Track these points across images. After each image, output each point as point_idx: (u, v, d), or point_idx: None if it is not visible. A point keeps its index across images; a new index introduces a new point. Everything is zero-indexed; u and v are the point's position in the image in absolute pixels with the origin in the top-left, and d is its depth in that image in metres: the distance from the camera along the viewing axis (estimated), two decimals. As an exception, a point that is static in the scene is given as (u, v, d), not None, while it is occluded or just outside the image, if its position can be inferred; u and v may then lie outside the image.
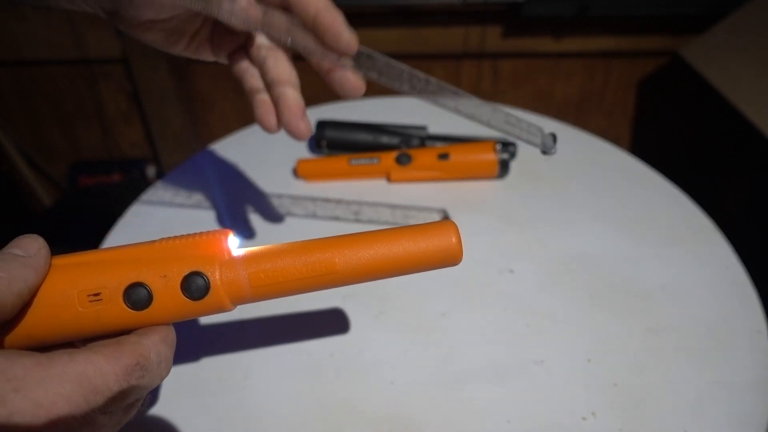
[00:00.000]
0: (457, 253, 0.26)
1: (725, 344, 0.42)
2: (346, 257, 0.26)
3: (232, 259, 0.26)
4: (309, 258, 0.26)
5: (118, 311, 0.25)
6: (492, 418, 0.37)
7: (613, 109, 1.13)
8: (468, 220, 0.52)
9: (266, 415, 0.38)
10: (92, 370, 0.22)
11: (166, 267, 0.25)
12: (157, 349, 0.25)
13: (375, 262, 0.26)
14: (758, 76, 0.81)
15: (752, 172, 0.86)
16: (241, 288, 0.26)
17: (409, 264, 0.26)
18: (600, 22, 0.98)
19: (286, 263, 0.26)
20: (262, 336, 0.43)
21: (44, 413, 0.21)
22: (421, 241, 0.26)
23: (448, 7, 0.94)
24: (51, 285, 0.25)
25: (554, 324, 0.43)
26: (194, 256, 0.26)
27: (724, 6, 0.90)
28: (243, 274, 0.25)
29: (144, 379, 0.24)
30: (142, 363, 0.24)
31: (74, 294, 0.24)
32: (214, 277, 0.25)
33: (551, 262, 0.48)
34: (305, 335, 0.43)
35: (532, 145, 0.34)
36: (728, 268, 0.48)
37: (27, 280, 0.24)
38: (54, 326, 0.25)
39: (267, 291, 0.26)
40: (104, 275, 0.25)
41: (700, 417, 0.37)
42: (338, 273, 0.26)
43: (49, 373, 0.22)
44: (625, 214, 0.53)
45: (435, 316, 0.44)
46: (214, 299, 0.25)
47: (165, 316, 0.26)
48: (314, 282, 0.26)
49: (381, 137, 0.59)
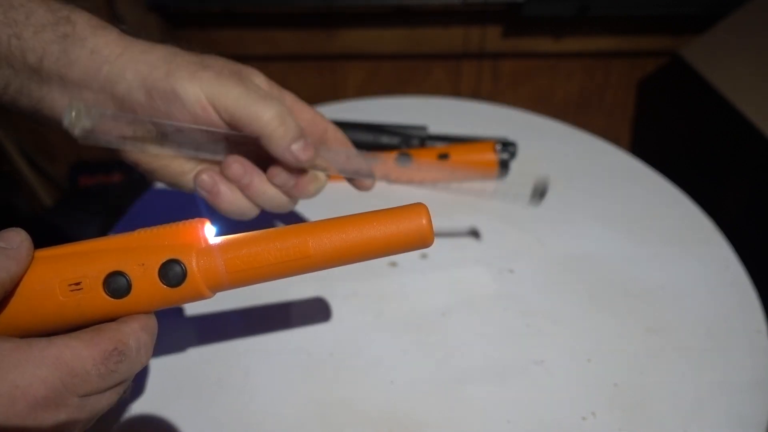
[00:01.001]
0: (427, 235, 0.27)
1: (725, 344, 0.42)
2: (318, 242, 0.26)
3: (209, 247, 0.26)
4: (283, 243, 0.26)
5: (99, 300, 0.25)
6: (492, 418, 0.37)
7: (613, 109, 1.13)
8: (468, 220, 0.52)
9: (266, 415, 0.38)
10: (69, 354, 0.23)
11: (144, 255, 0.26)
12: (137, 336, 0.26)
13: (348, 246, 0.27)
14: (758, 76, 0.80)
15: (752, 172, 0.86)
16: (218, 274, 0.26)
17: (382, 247, 0.27)
18: (600, 22, 0.98)
19: (261, 249, 0.26)
20: (261, 336, 0.43)
21: (20, 394, 0.22)
22: (392, 224, 0.26)
23: (448, 7, 0.94)
24: (33, 275, 0.25)
25: (554, 324, 0.43)
26: (171, 245, 0.26)
27: (724, 6, 0.90)
28: (219, 260, 0.26)
29: (122, 364, 0.25)
30: (120, 348, 0.25)
31: (55, 284, 0.25)
32: (190, 264, 0.26)
33: (551, 262, 0.48)
34: (305, 335, 0.43)
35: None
36: (728, 268, 0.48)
37: (9, 270, 0.24)
38: (36, 316, 0.25)
39: (243, 276, 0.27)
40: (84, 265, 0.25)
41: (700, 417, 0.37)
42: (311, 257, 0.26)
43: (26, 356, 0.22)
44: (625, 214, 0.53)
45: (435, 316, 0.44)
46: (192, 286, 0.26)
47: (144, 304, 0.26)
48: (289, 267, 0.27)
49: (381, 137, 0.59)
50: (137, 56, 0.32)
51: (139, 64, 0.32)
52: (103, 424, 0.37)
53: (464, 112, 0.67)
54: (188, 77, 0.31)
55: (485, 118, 0.66)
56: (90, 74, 0.31)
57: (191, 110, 0.32)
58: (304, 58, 1.02)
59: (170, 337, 0.43)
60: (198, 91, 0.31)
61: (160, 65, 0.32)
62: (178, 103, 0.31)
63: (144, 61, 0.32)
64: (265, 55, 1.00)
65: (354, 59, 1.03)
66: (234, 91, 0.32)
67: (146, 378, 0.40)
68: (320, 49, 1.00)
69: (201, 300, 0.27)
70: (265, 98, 0.32)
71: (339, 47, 1.00)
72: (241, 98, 0.32)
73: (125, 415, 0.38)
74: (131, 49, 0.32)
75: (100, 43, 0.32)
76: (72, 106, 0.30)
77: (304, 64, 1.03)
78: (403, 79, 1.07)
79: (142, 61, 0.32)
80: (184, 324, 0.44)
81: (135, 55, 0.32)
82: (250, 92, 0.32)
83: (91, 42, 0.31)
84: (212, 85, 0.32)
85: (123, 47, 0.32)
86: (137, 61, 0.32)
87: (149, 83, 0.31)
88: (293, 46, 0.99)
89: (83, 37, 0.31)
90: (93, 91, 0.32)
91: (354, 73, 1.06)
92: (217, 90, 0.32)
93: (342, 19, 0.97)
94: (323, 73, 1.05)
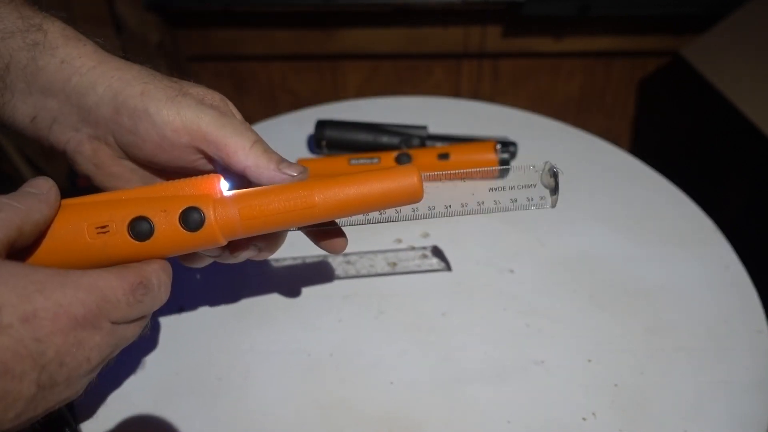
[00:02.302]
0: (418, 191, 0.30)
1: (725, 344, 0.42)
2: (323, 194, 0.29)
3: (224, 198, 0.29)
4: (292, 195, 0.29)
5: (123, 242, 0.28)
6: (492, 418, 0.37)
7: (613, 109, 1.13)
8: (468, 220, 0.52)
9: (266, 415, 0.38)
10: (103, 282, 0.26)
11: (166, 203, 0.29)
12: (158, 274, 0.29)
13: (349, 199, 0.30)
14: (759, 76, 0.80)
15: (752, 172, 0.86)
16: (233, 221, 0.29)
17: (378, 200, 0.30)
18: (600, 21, 0.98)
19: (272, 199, 0.29)
20: (261, 336, 0.43)
21: (63, 312, 0.24)
22: (388, 181, 0.30)
23: (448, 7, 0.94)
24: (63, 219, 0.28)
25: (554, 324, 0.43)
26: (191, 195, 0.30)
27: (724, 6, 0.90)
28: (234, 209, 0.29)
29: (147, 297, 0.28)
30: (145, 283, 0.28)
31: (84, 226, 0.28)
32: (208, 212, 0.29)
33: (551, 262, 0.48)
34: (305, 335, 0.43)
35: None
36: (728, 268, 0.48)
37: (43, 213, 0.27)
38: (65, 255, 0.28)
39: (255, 224, 0.29)
40: (111, 210, 0.28)
41: (700, 417, 0.37)
42: (316, 207, 0.29)
43: (66, 280, 0.25)
44: (625, 214, 0.53)
45: (435, 316, 0.44)
46: (208, 232, 0.29)
47: (165, 248, 0.29)
48: (296, 216, 0.30)
49: (381, 137, 0.59)
50: (111, 72, 0.32)
51: (113, 80, 0.31)
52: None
53: (464, 112, 0.67)
54: (165, 100, 0.31)
55: (485, 118, 0.66)
56: (57, 83, 0.31)
57: (160, 131, 0.31)
58: (303, 58, 1.02)
59: (170, 337, 0.43)
60: (174, 114, 0.31)
61: (136, 84, 0.31)
62: (147, 122, 0.31)
63: (118, 78, 0.31)
64: (264, 54, 1.00)
65: (354, 59, 1.03)
66: (218, 120, 0.31)
67: (146, 378, 0.40)
68: (320, 49, 1.00)
69: (215, 246, 0.30)
70: (248, 129, 0.32)
71: (339, 47, 1.00)
72: (226, 128, 0.31)
73: (126, 414, 0.38)
74: (106, 64, 0.32)
75: (73, 54, 0.31)
76: None
77: (304, 64, 1.03)
78: (403, 79, 1.07)
79: (117, 77, 0.31)
80: (184, 323, 0.44)
81: (109, 70, 0.32)
82: (234, 122, 0.32)
83: (63, 52, 0.31)
84: (193, 111, 0.31)
85: (97, 61, 0.32)
86: (111, 77, 0.31)
87: (120, 100, 0.31)
88: (293, 45, 0.99)
89: (54, 47, 0.31)
90: (58, 100, 0.32)
91: (354, 72, 1.05)
92: (199, 117, 0.31)
93: (342, 18, 0.97)
94: (323, 73, 1.05)
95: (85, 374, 0.26)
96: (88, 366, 0.26)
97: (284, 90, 1.06)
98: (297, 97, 1.06)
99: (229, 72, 1.04)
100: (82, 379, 0.26)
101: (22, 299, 0.23)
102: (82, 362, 0.25)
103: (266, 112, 1.08)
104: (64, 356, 0.24)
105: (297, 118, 0.65)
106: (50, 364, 0.24)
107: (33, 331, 0.23)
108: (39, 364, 0.24)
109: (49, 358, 0.24)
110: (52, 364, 0.24)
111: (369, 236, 0.50)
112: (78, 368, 0.25)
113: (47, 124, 0.32)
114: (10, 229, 0.25)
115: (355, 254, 0.49)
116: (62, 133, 0.33)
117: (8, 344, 0.23)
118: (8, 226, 0.25)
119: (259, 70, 1.04)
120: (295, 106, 0.72)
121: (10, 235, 0.25)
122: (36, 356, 0.23)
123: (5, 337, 0.23)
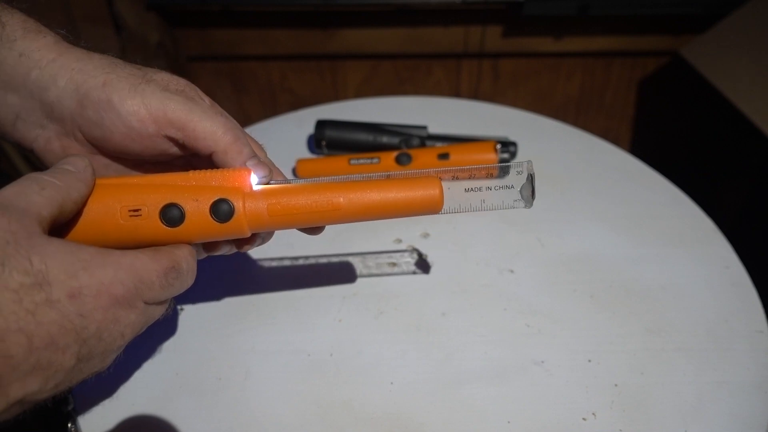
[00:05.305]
0: (438, 203, 0.31)
1: (725, 344, 0.42)
2: (349, 198, 0.31)
3: (254, 192, 0.31)
4: (319, 196, 0.31)
5: (154, 226, 0.29)
6: (492, 418, 0.37)
7: (613, 109, 1.13)
8: (468, 220, 0.52)
9: (266, 415, 0.38)
10: (140, 264, 0.27)
11: (199, 193, 0.30)
12: (187, 260, 0.30)
13: (372, 204, 0.31)
14: (758, 76, 0.80)
15: (752, 172, 0.86)
16: (260, 216, 0.30)
17: (400, 208, 0.31)
18: (600, 21, 0.98)
19: (300, 199, 0.31)
20: (262, 336, 0.43)
21: (105, 290, 0.26)
22: (411, 190, 0.31)
23: (448, 7, 0.94)
24: (98, 199, 0.29)
25: (554, 324, 0.43)
26: (222, 187, 0.30)
27: (724, 6, 0.90)
28: (263, 204, 0.30)
29: (177, 281, 0.29)
30: (176, 267, 0.29)
31: (117, 208, 0.29)
32: (238, 205, 0.30)
33: (551, 262, 0.48)
34: (305, 335, 0.43)
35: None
36: (728, 268, 0.48)
37: (80, 191, 0.28)
38: (96, 235, 0.29)
39: (281, 220, 0.31)
40: (144, 195, 0.29)
41: (700, 417, 0.37)
42: (341, 210, 0.31)
43: (109, 260, 0.26)
44: (625, 214, 0.53)
45: (435, 316, 0.44)
46: (236, 223, 0.30)
47: (193, 235, 0.30)
48: (321, 216, 0.31)
49: (381, 137, 0.59)
50: (71, 63, 0.31)
51: (74, 72, 0.31)
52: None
53: (464, 112, 0.67)
54: (128, 89, 0.30)
55: (485, 118, 0.66)
56: (17, 78, 0.31)
57: (126, 122, 0.30)
58: (303, 58, 1.02)
59: (170, 337, 0.43)
60: (138, 103, 0.30)
61: (98, 74, 0.31)
62: (112, 113, 0.30)
63: (79, 69, 0.31)
64: (264, 54, 1.00)
65: (354, 59, 1.03)
66: (184, 105, 0.31)
67: (146, 378, 0.40)
68: (320, 49, 1.00)
69: (240, 237, 0.31)
70: (217, 114, 0.32)
71: (339, 46, 1.00)
72: (193, 113, 0.31)
73: (126, 414, 0.38)
74: (66, 56, 0.31)
75: (32, 46, 0.31)
76: None
77: (304, 64, 1.03)
78: (403, 79, 1.07)
79: (77, 69, 0.31)
80: (184, 323, 0.44)
81: (69, 62, 0.31)
82: (202, 107, 0.31)
83: (21, 45, 0.30)
84: (158, 98, 0.31)
85: (57, 53, 0.31)
86: (71, 69, 0.31)
87: (83, 92, 0.30)
88: (293, 45, 0.99)
89: (12, 39, 0.30)
90: (20, 95, 0.31)
91: (354, 72, 1.05)
92: (164, 104, 0.31)
93: (342, 18, 0.97)
94: (323, 73, 1.05)
95: (117, 349, 0.28)
96: (121, 341, 0.27)
97: (284, 90, 1.06)
98: (297, 97, 1.06)
99: (228, 72, 1.04)
100: (113, 354, 0.28)
101: (69, 276, 0.24)
102: (116, 338, 0.27)
103: (266, 112, 1.08)
104: (102, 332, 0.26)
105: (297, 118, 0.65)
106: (90, 339, 0.25)
107: (78, 306, 0.24)
108: (81, 338, 0.25)
109: (90, 332, 0.25)
110: (92, 338, 0.25)
111: (369, 236, 0.50)
112: (113, 343, 0.27)
113: (10, 120, 0.32)
114: (53, 207, 0.26)
115: (355, 254, 0.49)
116: (27, 130, 0.32)
117: (56, 318, 0.24)
118: (51, 204, 0.26)
119: (258, 69, 1.03)
120: (294, 106, 0.72)
121: (53, 213, 0.26)
122: (79, 330, 0.25)
123: (53, 312, 0.24)
